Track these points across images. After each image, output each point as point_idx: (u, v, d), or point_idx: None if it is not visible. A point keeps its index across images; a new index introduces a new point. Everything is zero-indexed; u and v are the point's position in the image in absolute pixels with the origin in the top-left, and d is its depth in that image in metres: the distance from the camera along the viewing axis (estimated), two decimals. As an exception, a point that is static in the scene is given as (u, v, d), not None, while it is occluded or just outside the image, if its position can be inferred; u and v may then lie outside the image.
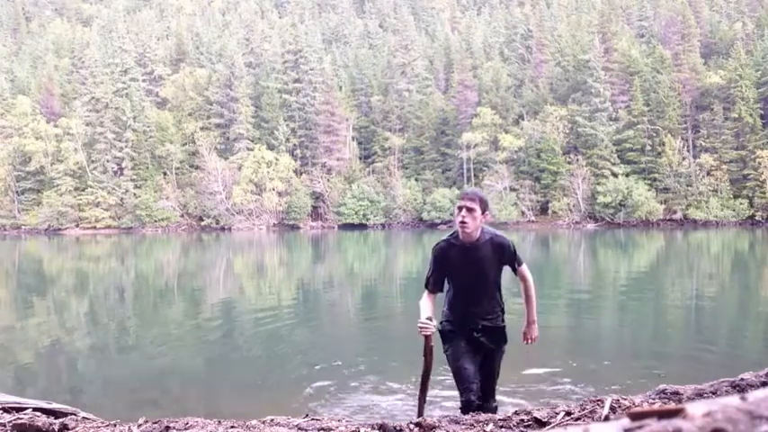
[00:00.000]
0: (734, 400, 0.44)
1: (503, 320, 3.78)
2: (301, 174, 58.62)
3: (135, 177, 57.65)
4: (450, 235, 3.73)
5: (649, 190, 50.26)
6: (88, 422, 1.61)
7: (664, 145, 51.39)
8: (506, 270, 3.83)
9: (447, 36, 73.65)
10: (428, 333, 3.42)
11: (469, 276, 3.65)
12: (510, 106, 57.28)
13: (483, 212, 3.58)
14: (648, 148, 52.44)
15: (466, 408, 3.34)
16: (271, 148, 57.65)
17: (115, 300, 14.09)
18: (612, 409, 1.38)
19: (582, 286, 15.31)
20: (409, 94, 61.08)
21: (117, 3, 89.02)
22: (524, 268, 3.80)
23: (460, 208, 3.57)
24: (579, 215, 51.68)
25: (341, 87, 63.95)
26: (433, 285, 3.73)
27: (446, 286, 3.83)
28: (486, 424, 1.35)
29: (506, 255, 3.70)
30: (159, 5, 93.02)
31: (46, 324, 10.38)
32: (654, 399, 1.54)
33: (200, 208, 57.17)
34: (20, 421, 1.53)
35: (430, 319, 3.45)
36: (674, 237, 37.64)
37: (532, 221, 52.12)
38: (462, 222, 3.54)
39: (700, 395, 1.52)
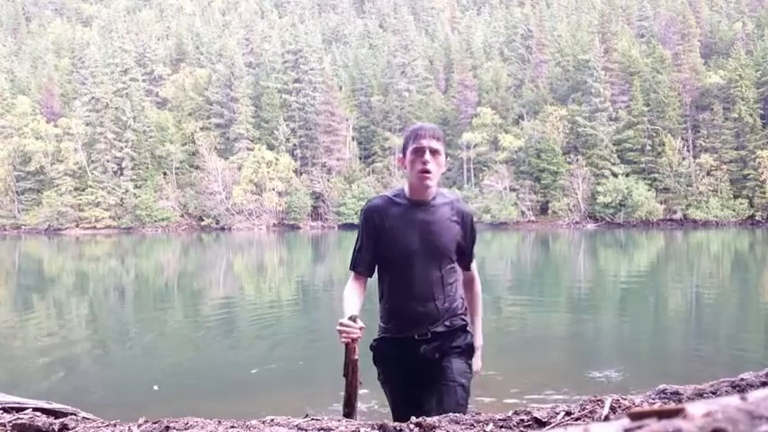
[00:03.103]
0: (734, 400, 0.44)
1: (463, 318, 2.56)
2: (301, 174, 58.64)
3: (135, 177, 57.67)
4: (392, 192, 2.59)
5: (649, 190, 50.28)
6: (88, 422, 1.61)
7: (664, 145, 51.42)
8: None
9: (447, 36, 73.70)
10: (349, 339, 2.32)
11: (417, 251, 2.41)
12: (510, 106, 57.30)
13: (445, 157, 2.52)
14: (648, 148, 52.47)
15: None
16: (271, 148, 57.67)
17: (115, 300, 14.09)
18: (612, 409, 1.38)
19: (582, 286, 15.30)
20: (409, 94, 61.11)
21: (117, 3, 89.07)
22: (475, 267, 2.65)
23: (420, 150, 2.39)
24: (579, 215, 51.69)
25: (341, 87, 63.98)
26: (361, 264, 2.51)
27: (381, 290, 2.61)
28: (486, 424, 1.35)
29: (469, 232, 2.53)
30: (159, 5, 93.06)
31: (46, 324, 10.38)
32: (654, 399, 1.54)
33: (200, 208, 57.19)
34: (20, 421, 1.53)
35: (354, 319, 2.33)
36: (674, 237, 37.64)
37: (532, 221, 52.13)
38: (424, 172, 2.39)
39: (700, 395, 1.52)
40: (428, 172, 2.41)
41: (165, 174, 59.07)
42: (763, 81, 50.77)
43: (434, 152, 2.43)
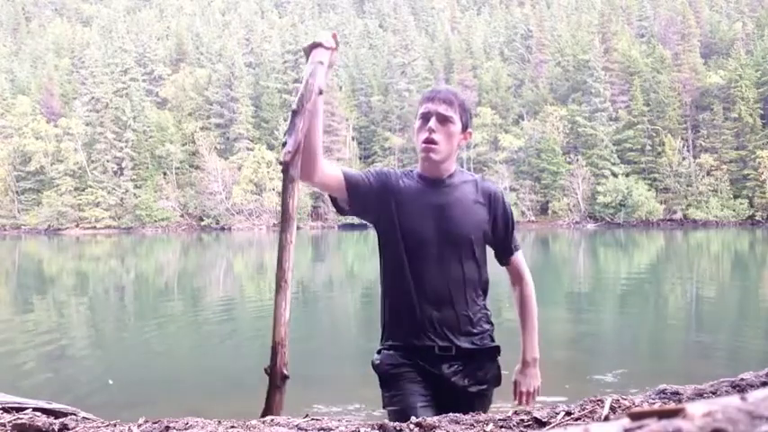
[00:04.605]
0: (734, 400, 0.44)
1: (492, 338, 2.11)
2: (301, 174, 58.64)
3: (135, 177, 57.71)
4: (410, 169, 2.14)
5: (649, 190, 50.34)
6: (88, 422, 1.61)
7: (664, 145, 51.47)
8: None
9: (447, 36, 73.71)
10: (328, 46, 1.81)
11: (430, 240, 1.97)
12: (510, 106, 57.36)
13: (464, 129, 2.04)
14: (648, 148, 52.53)
15: None
16: (271, 148, 57.70)
17: (115, 300, 14.09)
18: (612, 409, 1.38)
19: (582, 286, 15.31)
20: (409, 94, 61.14)
21: (117, 3, 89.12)
22: (521, 258, 2.17)
23: (426, 116, 1.98)
24: (579, 215, 51.73)
25: (341, 87, 64.01)
26: (349, 171, 2.02)
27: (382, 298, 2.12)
28: (486, 424, 1.35)
29: (501, 215, 2.06)
30: (159, 5, 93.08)
31: (46, 324, 10.38)
32: (654, 399, 1.54)
33: (200, 208, 57.23)
34: (20, 421, 1.53)
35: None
36: (674, 237, 37.64)
37: (532, 221, 52.17)
38: (429, 142, 1.96)
39: (700, 395, 1.52)
40: (432, 143, 1.96)
41: (165, 174, 59.10)
42: (763, 81, 50.80)
43: (443, 119, 1.97)
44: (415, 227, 1.98)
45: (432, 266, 1.98)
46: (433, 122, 1.96)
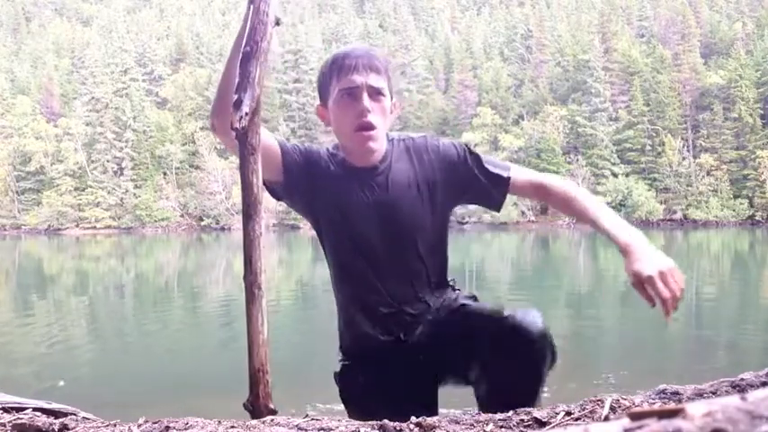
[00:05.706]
0: (734, 400, 0.44)
1: (460, 295, 1.74)
2: (301, 174, 58.73)
3: (135, 177, 57.77)
4: (332, 151, 1.68)
5: (649, 190, 50.38)
6: (88, 422, 1.61)
7: (664, 145, 51.52)
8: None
9: (447, 36, 73.75)
10: None
11: (383, 241, 1.63)
12: (510, 106, 57.39)
13: (391, 99, 1.63)
14: (648, 148, 52.57)
15: None
16: (271, 147, 57.78)
17: (115, 299, 14.09)
18: (612, 409, 1.38)
19: (582, 286, 15.31)
20: (409, 94, 61.18)
21: (117, 3, 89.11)
22: (521, 170, 1.69)
23: (353, 92, 1.55)
24: (579, 215, 51.82)
25: (341, 87, 64.10)
26: (280, 140, 1.67)
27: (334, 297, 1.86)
28: (486, 424, 1.36)
29: (451, 160, 1.67)
30: (159, 5, 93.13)
31: (45, 323, 10.38)
32: (654, 399, 1.54)
33: (200, 208, 57.26)
34: (20, 421, 1.53)
35: None
36: (674, 237, 37.64)
37: (532, 221, 52.18)
38: (363, 129, 1.54)
39: (700, 395, 1.52)
40: (370, 128, 1.52)
41: (165, 174, 59.16)
42: (763, 81, 50.84)
43: (376, 93, 1.54)
44: (363, 229, 1.61)
45: (388, 270, 1.64)
46: (366, 100, 1.52)
